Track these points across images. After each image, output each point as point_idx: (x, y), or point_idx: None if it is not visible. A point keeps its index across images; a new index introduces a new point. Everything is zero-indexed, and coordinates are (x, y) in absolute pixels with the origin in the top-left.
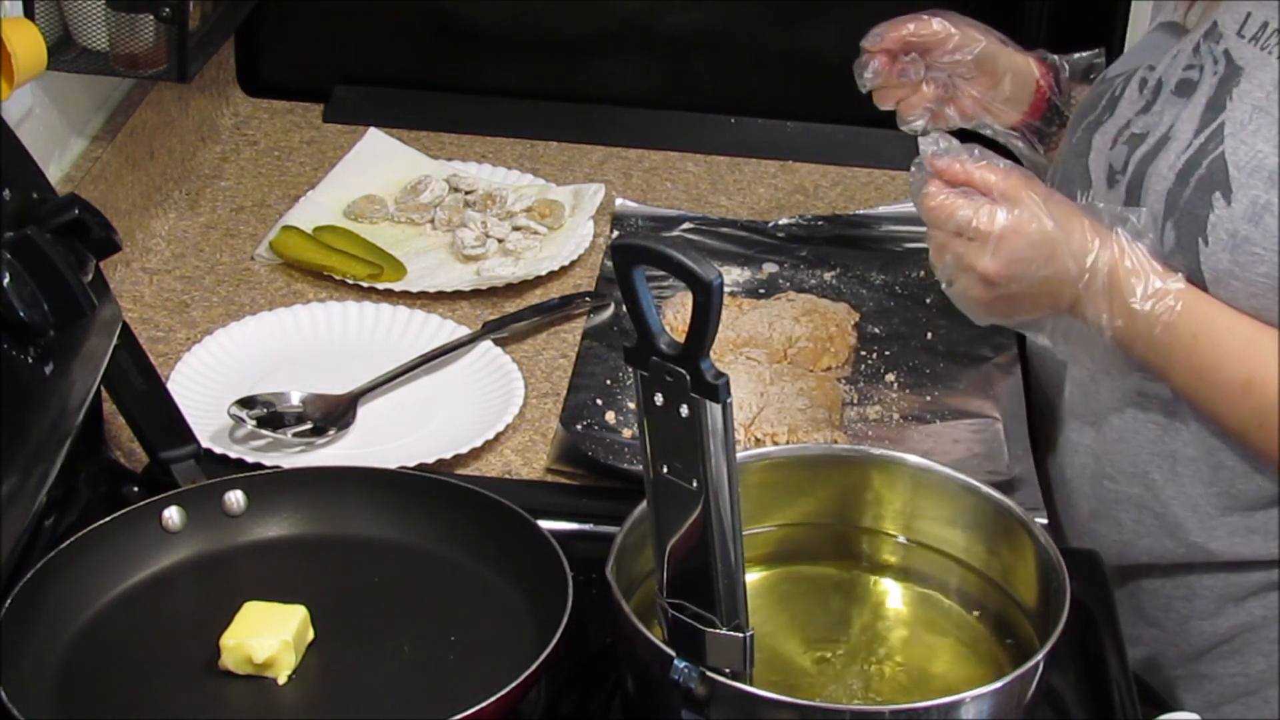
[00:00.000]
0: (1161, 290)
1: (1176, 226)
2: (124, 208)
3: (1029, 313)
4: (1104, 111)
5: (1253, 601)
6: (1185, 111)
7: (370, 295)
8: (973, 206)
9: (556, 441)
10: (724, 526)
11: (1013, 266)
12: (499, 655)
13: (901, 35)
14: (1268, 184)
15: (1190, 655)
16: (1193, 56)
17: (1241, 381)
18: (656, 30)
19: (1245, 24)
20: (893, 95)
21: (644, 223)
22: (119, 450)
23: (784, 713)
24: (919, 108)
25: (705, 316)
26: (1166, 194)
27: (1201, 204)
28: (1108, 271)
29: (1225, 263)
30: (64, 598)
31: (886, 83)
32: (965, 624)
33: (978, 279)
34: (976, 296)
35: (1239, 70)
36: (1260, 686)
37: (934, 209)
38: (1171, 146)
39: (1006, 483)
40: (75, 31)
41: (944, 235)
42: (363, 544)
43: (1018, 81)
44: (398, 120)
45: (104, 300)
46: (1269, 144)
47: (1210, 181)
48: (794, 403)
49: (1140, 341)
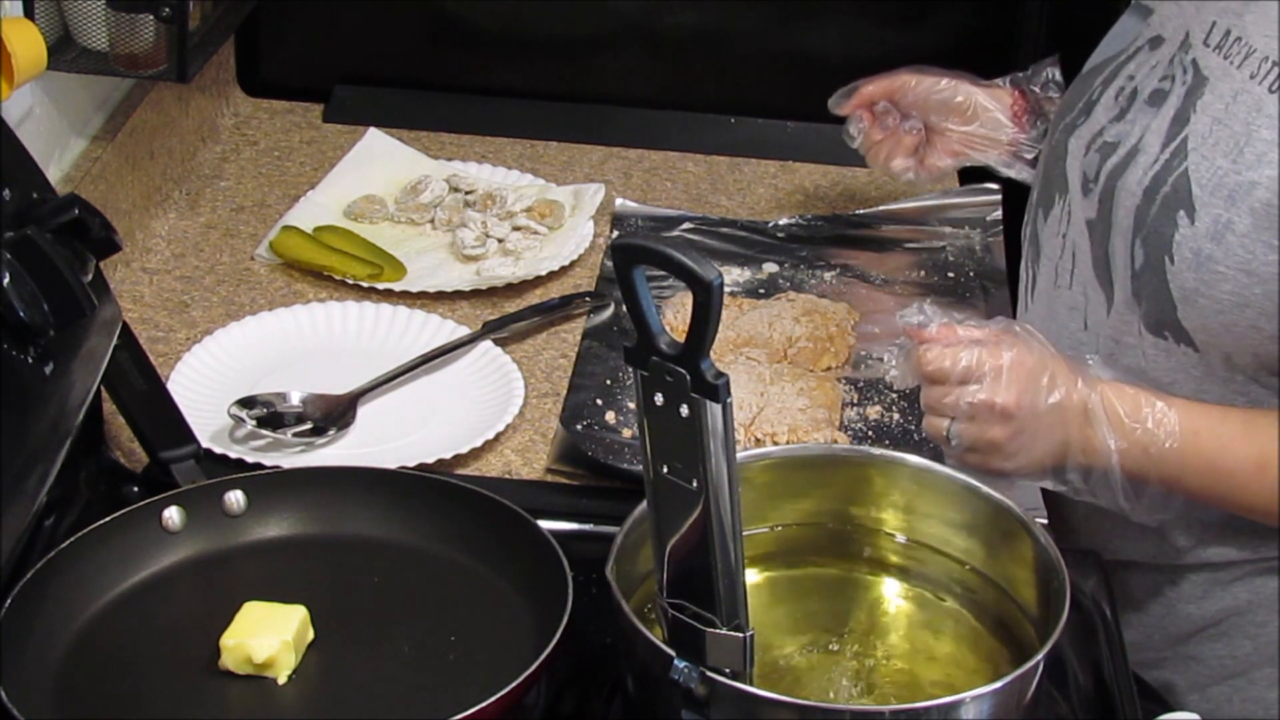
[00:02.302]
0: (1153, 410)
1: (1145, 245)
2: (124, 208)
3: (1045, 448)
4: (1080, 114)
5: (1238, 586)
6: (1154, 123)
7: (370, 295)
8: (971, 352)
9: (556, 441)
10: (724, 526)
11: (1025, 395)
12: (499, 655)
13: (868, 92)
14: (1228, 202)
15: (1177, 638)
16: (1168, 67)
17: (1254, 463)
18: (657, 30)
19: (1210, 33)
20: (880, 151)
21: (644, 223)
22: (119, 450)
23: (784, 713)
24: (900, 156)
25: (705, 316)
26: (1135, 210)
27: (1167, 223)
28: (1101, 399)
29: (1191, 281)
30: (64, 598)
31: (869, 140)
32: (965, 624)
33: (996, 417)
34: (995, 438)
35: (1204, 81)
36: (1247, 668)
37: (933, 366)
38: (1140, 160)
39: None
40: (75, 31)
41: (947, 391)
42: (363, 544)
43: (992, 113)
44: (398, 120)
45: (104, 300)
46: (1227, 158)
47: (1175, 200)
48: (794, 403)
49: (1147, 458)
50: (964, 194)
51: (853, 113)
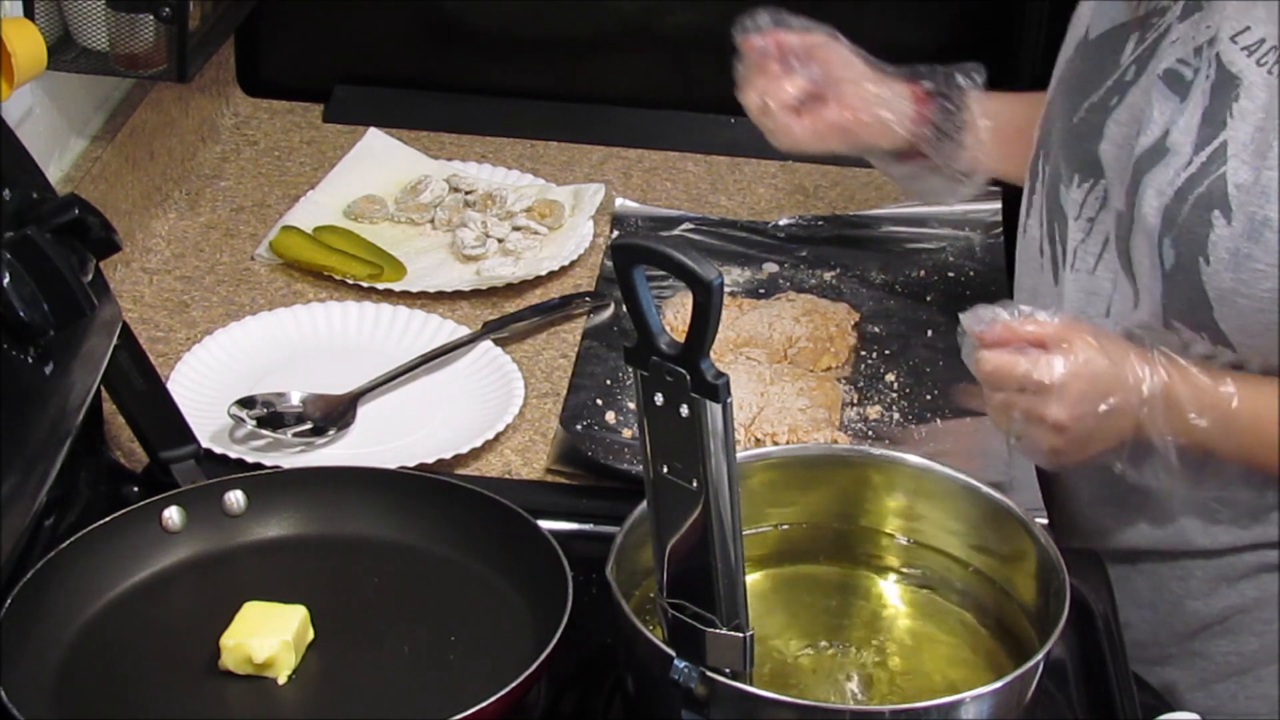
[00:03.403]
0: (1214, 399)
1: (1175, 245)
2: (124, 208)
3: (1098, 447)
4: (1111, 95)
5: (1245, 583)
6: (1181, 120)
7: (370, 295)
8: (1030, 360)
9: (556, 441)
10: (724, 526)
11: (1079, 408)
12: (499, 655)
13: (784, 39)
14: (1263, 199)
15: (1184, 634)
16: (1187, 52)
17: None
18: (657, 30)
19: (1241, 34)
20: (767, 88)
21: (644, 223)
22: (119, 450)
23: (784, 713)
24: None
25: (705, 316)
26: (1164, 209)
27: (1200, 222)
28: (1163, 395)
29: (1228, 281)
30: (64, 598)
31: (762, 70)
32: (965, 624)
33: (1049, 430)
34: (1051, 446)
35: (1235, 81)
36: (1253, 665)
37: (991, 373)
38: (1172, 161)
39: (1006, 483)
40: (75, 31)
41: (1006, 395)
42: (363, 544)
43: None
44: (398, 120)
45: (104, 300)
46: (1269, 164)
47: (1209, 200)
48: (794, 403)
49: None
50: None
51: (757, 41)
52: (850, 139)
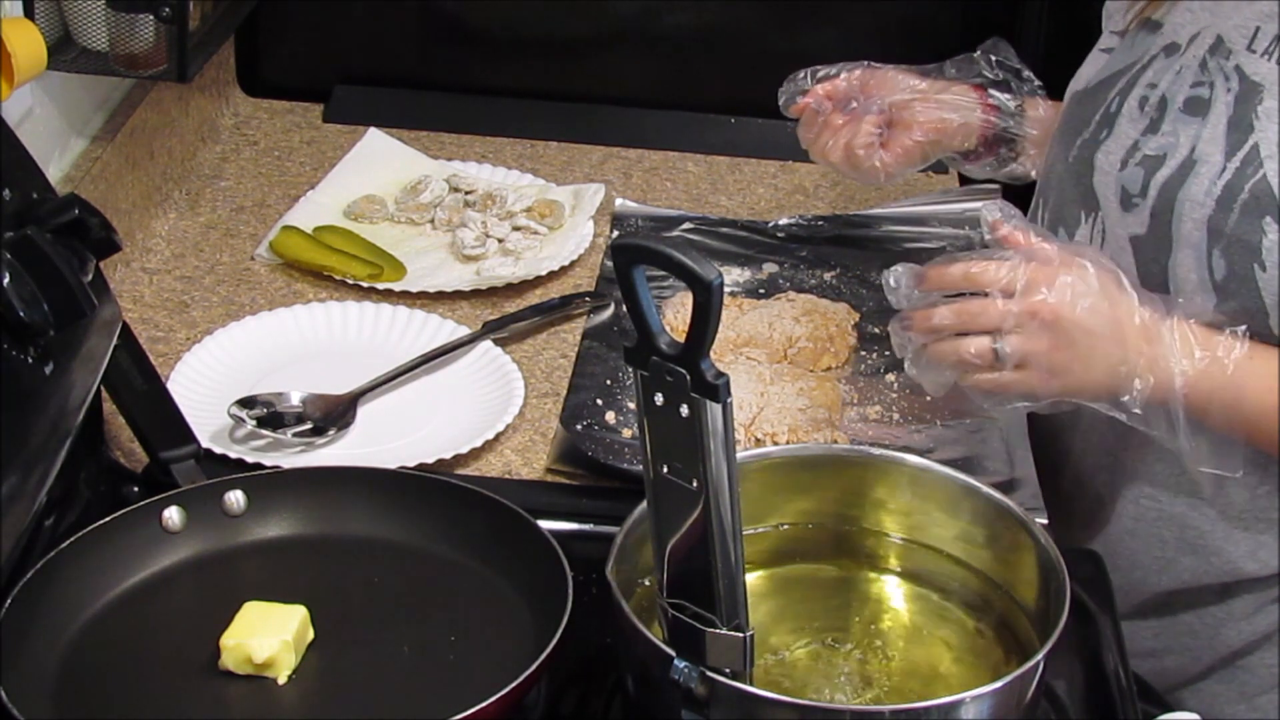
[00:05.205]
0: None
1: (1226, 254)
2: (124, 208)
3: (1101, 368)
4: (1100, 129)
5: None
6: (1205, 132)
7: (370, 295)
8: (1025, 253)
9: (556, 441)
10: (724, 526)
11: (1077, 297)
12: (499, 655)
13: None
14: None
15: (1226, 657)
16: (1200, 73)
17: None
18: (656, 30)
19: (1255, 38)
20: (840, 139)
21: (644, 223)
22: (119, 450)
23: (784, 713)
24: (860, 140)
25: (705, 316)
26: (1207, 221)
27: (1251, 229)
28: (1174, 325)
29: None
30: (64, 598)
31: (829, 125)
32: (965, 624)
33: (1042, 325)
34: (1040, 349)
35: (1257, 87)
36: None
37: (978, 270)
38: (1202, 171)
39: (1006, 483)
40: (75, 31)
41: (976, 311)
42: (363, 544)
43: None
44: (398, 120)
45: (104, 300)
46: None
47: (1257, 206)
48: (794, 403)
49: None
50: (964, 194)
51: (811, 101)
52: (934, 150)
